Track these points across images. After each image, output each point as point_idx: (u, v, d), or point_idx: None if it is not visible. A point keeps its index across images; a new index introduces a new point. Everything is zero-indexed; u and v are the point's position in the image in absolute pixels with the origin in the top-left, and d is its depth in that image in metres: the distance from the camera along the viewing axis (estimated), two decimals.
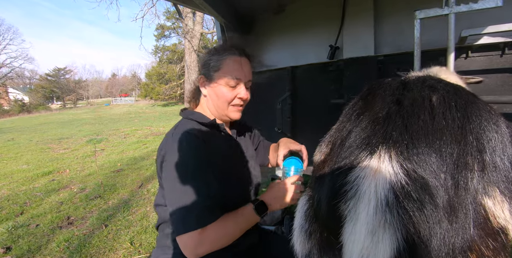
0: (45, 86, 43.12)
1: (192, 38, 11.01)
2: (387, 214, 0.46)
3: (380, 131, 0.54)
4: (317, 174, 0.66)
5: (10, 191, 3.72)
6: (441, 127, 0.53)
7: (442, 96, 0.58)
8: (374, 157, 0.51)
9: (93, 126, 12.90)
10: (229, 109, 1.05)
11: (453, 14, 1.31)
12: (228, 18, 2.18)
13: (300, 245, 0.66)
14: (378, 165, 0.50)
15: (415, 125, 0.53)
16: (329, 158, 0.64)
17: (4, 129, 13.89)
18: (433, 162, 0.49)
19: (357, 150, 0.55)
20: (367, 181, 0.49)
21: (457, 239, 0.46)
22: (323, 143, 0.71)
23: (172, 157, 0.88)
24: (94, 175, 4.27)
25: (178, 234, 0.82)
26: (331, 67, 2.07)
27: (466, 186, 0.49)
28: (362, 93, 0.72)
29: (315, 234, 0.63)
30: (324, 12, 2.09)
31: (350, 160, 0.55)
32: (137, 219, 2.62)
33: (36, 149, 7.13)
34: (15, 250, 2.16)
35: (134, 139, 8.13)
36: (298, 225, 0.69)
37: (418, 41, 1.44)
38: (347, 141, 0.59)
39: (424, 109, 0.55)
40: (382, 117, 0.57)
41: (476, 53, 1.65)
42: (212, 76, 1.03)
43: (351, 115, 0.65)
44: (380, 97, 0.63)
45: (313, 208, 0.64)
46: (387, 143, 0.52)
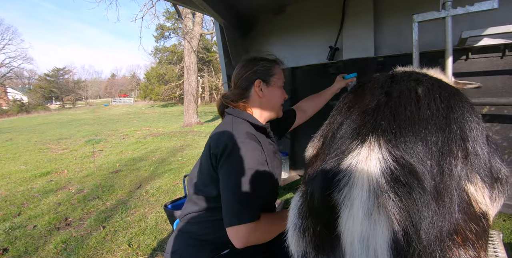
0: (44, 87, 43.02)
1: (192, 39, 11.00)
2: (380, 198, 0.48)
3: (370, 121, 0.57)
4: (309, 168, 0.66)
5: (8, 191, 3.70)
6: (426, 117, 0.55)
7: (427, 88, 0.60)
8: (364, 145, 0.53)
9: (92, 126, 12.87)
10: (280, 108, 1.25)
11: (450, 17, 1.32)
12: (227, 19, 2.17)
13: (295, 245, 0.65)
14: (369, 152, 0.52)
15: (402, 116, 0.55)
16: (321, 151, 0.65)
17: (3, 129, 13.85)
18: (420, 149, 0.51)
19: (348, 140, 0.57)
20: (359, 168, 0.51)
21: (444, 222, 0.49)
22: (315, 138, 0.72)
23: (236, 154, 0.96)
24: (92, 176, 4.26)
25: (232, 224, 0.92)
26: (331, 68, 2.06)
27: (450, 173, 0.51)
28: (352, 88, 0.75)
29: (308, 231, 0.63)
30: (324, 13, 2.08)
31: (341, 150, 0.57)
32: (135, 221, 2.61)
33: (35, 149, 7.10)
34: (12, 252, 2.14)
35: (133, 139, 8.11)
36: (292, 224, 0.68)
37: (416, 43, 1.44)
38: (338, 132, 0.61)
39: (410, 101, 0.58)
40: (371, 108, 0.59)
41: (476, 55, 1.65)
42: (269, 80, 1.20)
43: (341, 108, 0.67)
44: (370, 90, 0.66)
45: (306, 203, 0.64)
46: (376, 132, 0.54)
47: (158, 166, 4.76)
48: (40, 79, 46.10)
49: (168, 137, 8.18)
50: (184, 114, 11.28)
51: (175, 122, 13.20)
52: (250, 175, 0.95)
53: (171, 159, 5.29)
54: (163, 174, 4.28)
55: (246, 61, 1.25)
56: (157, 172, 4.40)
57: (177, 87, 24.63)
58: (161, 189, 3.56)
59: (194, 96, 11.22)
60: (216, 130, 1.10)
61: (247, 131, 1.04)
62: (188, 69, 11.04)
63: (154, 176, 4.18)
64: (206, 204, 1.07)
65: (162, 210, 2.83)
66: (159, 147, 6.60)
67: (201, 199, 1.09)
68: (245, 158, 0.96)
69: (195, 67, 11.26)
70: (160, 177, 4.12)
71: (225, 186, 0.97)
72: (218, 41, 2.36)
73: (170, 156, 5.52)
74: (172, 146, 6.73)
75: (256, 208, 0.96)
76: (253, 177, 0.95)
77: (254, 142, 1.01)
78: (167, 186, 3.67)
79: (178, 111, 19.79)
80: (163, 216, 2.66)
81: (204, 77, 26.28)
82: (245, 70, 1.21)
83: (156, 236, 2.30)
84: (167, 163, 4.97)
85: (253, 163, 0.97)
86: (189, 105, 11.11)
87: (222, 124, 1.13)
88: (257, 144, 1.02)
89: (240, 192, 0.93)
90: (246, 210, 0.92)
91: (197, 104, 12.14)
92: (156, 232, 2.36)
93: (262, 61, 1.23)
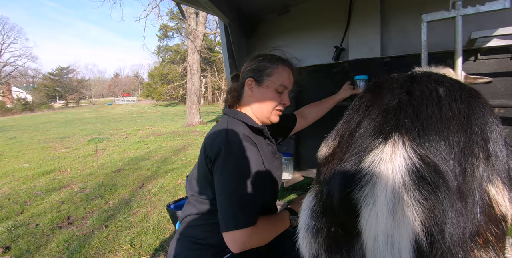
0: (48, 85, 43.31)
1: (195, 39, 11.01)
2: (405, 196, 0.47)
3: (393, 119, 0.56)
4: (324, 168, 0.65)
5: (11, 189, 3.71)
6: (448, 117, 0.55)
7: (448, 89, 0.60)
8: (388, 143, 0.53)
9: (95, 125, 12.92)
10: (272, 113, 1.15)
11: (460, 17, 1.29)
12: (232, 19, 2.16)
13: (306, 246, 0.64)
14: (393, 150, 0.51)
15: (424, 114, 0.55)
16: (337, 150, 0.64)
17: (7, 127, 13.94)
18: (443, 149, 0.51)
19: (369, 138, 0.56)
20: (383, 165, 0.50)
21: (468, 223, 0.48)
22: (329, 138, 0.70)
23: (231, 157, 0.94)
24: (95, 175, 4.26)
25: (228, 229, 0.90)
26: (336, 68, 2.04)
27: (473, 173, 0.51)
28: (368, 87, 0.74)
29: (322, 232, 0.62)
30: (329, 13, 2.07)
31: (362, 147, 0.56)
32: (138, 220, 2.60)
33: (38, 147, 7.14)
34: (14, 250, 2.14)
35: (136, 138, 8.13)
36: (304, 225, 0.67)
37: (425, 43, 1.42)
38: (357, 131, 0.60)
39: (432, 100, 0.57)
40: (393, 107, 0.58)
41: (485, 55, 1.62)
42: (263, 80, 1.12)
43: (359, 107, 0.66)
44: (388, 90, 0.65)
45: (320, 203, 0.63)
46: (400, 130, 0.53)
47: (161, 166, 4.75)
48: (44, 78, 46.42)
49: (170, 137, 8.19)
50: (187, 114, 11.29)
51: (177, 122, 13.22)
52: (246, 178, 0.93)
53: (174, 158, 5.29)
54: (165, 173, 4.27)
55: (251, 57, 1.21)
56: (160, 171, 4.40)
57: (180, 87, 24.69)
58: (164, 188, 3.55)
59: (197, 96, 11.23)
60: (212, 131, 1.07)
61: (242, 133, 1.01)
62: (192, 69, 11.05)
63: (157, 175, 4.18)
64: (204, 206, 1.05)
65: (164, 210, 2.82)
66: (161, 146, 6.60)
67: (199, 201, 1.07)
68: (240, 161, 0.94)
69: (198, 67, 11.26)
70: (162, 176, 4.11)
71: (220, 190, 0.94)
72: (222, 41, 2.35)
73: (172, 156, 5.51)
74: (174, 145, 6.73)
75: (253, 212, 0.93)
76: (248, 180, 0.93)
77: (249, 144, 0.98)
78: (170, 185, 3.67)
79: (180, 111, 19.82)
80: (165, 216, 2.65)
81: (207, 77, 26.31)
82: (245, 67, 1.18)
83: (158, 236, 2.29)
84: (170, 163, 4.97)
85: (248, 166, 0.94)
86: (192, 105, 11.12)
87: (217, 124, 1.10)
88: (252, 146, 0.99)
89: (235, 196, 0.91)
90: (242, 215, 0.90)
91: (200, 104, 12.14)
92: (159, 232, 2.35)
93: (263, 59, 1.16)
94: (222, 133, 1.00)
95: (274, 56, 1.19)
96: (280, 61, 1.16)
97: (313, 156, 2.43)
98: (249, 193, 0.92)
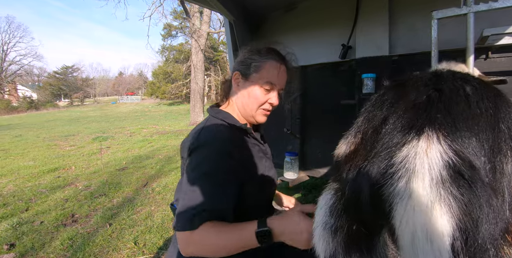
0: (53, 84, 43.66)
1: (199, 38, 11.01)
2: (442, 191, 0.47)
3: (424, 114, 0.55)
4: (346, 165, 0.64)
5: (16, 187, 3.73)
6: (477, 114, 0.54)
7: (474, 87, 0.59)
8: (422, 138, 0.52)
9: (99, 124, 12.99)
10: (258, 112, 1.05)
11: (472, 14, 1.26)
12: (237, 16, 2.14)
13: (323, 244, 0.63)
14: (428, 144, 0.50)
15: (455, 111, 0.54)
16: (360, 147, 0.62)
17: (13, 125, 14.07)
18: (475, 145, 0.51)
19: (399, 134, 0.55)
20: (419, 160, 0.49)
21: (498, 220, 0.48)
22: (349, 135, 0.69)
23: (195, 157, 0.89)
24: (99, 173, 4.27)
25: (175, 229, 0.85)
26: (343, 67, 2.01)
27: (502, 170, 0.51)
28: (389, 85, 0.72)
29: (341, 230, 0.60)
30: (336, 10, 2.04)
31: (392, 143, 0.55)
32: (142, 218, 2.60)
33: (43, 145, 7.19)
34: (18, 247, 2.15)
35: (140, 137, 8.15)
36: (321, 223, 0.65)
37: (435, 41, 1.39)
38: (383, 127, 0.59)
39: (460, 98, 0.57)
40: (422, 103, 0.57)
41: (496, 54, 1.59)
42: (250, 75, 1.02)
43: (381, 105, 0.65)
44: (413, 87, 0.63)
45: (342, 201, 0.62)
46: (433, 125, 0.52)
47: (165, 164, 4.76)
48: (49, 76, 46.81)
49: (174, 135, 8.20)
50: (191, 113, 11.30)
51: (181, 120, 13.25)
52: (202, 180, 0.86)
53: (178, 157, 5.29)
54: (169, 172, 4.27)
55: (244, 49, 1.12)
56: (164, 170, 4.40)
57: (183, 86, 24.74)
58: (168, 187, 3.55)
59: (200, 95, 11.24)
60: (192, 130, 1.03)
61: (215, 133, 0.94)
62: (195, 68, 11.06)
63: (161, 174, 4.18)
64: None
65: (168, 208, 2.81)
66: (165, 145, 6.61)
67: None
68: (201, 163, 0.87)
69: (202, 66, 11.27)
70: (166, 175, 4.12)
71: (181, 189, 0.91)
72: (228, 39, 2.33)
73: (176, 154, 5.52)
74: (178, 144, 6.72)
75: (195, 215, 0.81)
76: (205, 182, 0.86)
77: (221, 146, 0.90)
78: (174, 184, 3.66)
79: (184, 110, 19.85)
80: (169, 215, 2.65)
81: (211, 76, 26.33)
82: (236, 60, 1.11)
83: (162, 234, 2.28)
84: (174, 161, 4.97)
85: (209, 169, 0.87)
86: (196, 104, 11.13)
87: (198, 124, 1.05)
88: (226, 148, 0.90)
89: (186, 197, 0.85)
90: (182, 216, 0.82)
91: (204, 103, 12.15)
92: (162, 231, 2.35)
93: (253, 52, 1.06)
94: (196, 132, 0.96)
95: (267, 49, 1.06)
96: (271, 56, 1.03)
97: (318, 155, 2.42)
98: (203, 194, 0.84)
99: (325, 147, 2.16)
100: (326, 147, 2.15)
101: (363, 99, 1.76)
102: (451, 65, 1.17)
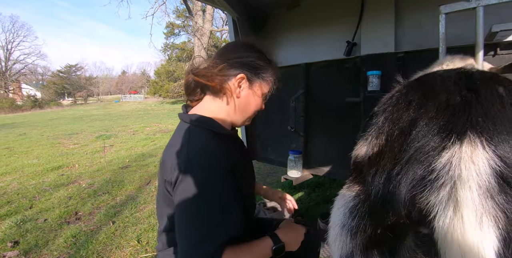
0: (57, 83, 43.95)
1: (202, 36, 11.01)
2: (489, 201, 0.45)
3: (463, 117, 0.52)
4: (372, 168, 0.61)
5: (20, 184, 3.75)
6: None
7: (506, 88, 0.57)
8: (464, 142, 0.49)
9: (102, 122, 13.04)
10: (250, 117, 1.02)
11: (482, 8, 1.23)
12: (240, 13, 2.13)
13: (339, 245, 0.63)
14: (472, 150, 0.48)
15: (492, 113, 0.52)
16: (386, 149, 0.60)
17: (17, 124, 14.17)
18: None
19: (436, 137, 0.52)
20: (464, 166, 0.47)
21: None
22: (369, 136, 0.66)
23: (192, 180, 0.78)
24: (103, 171, 4.28)
25: None
26: (347, 64, 1.99)
27: None
28: (410, 85, 0.68)
29: (362, 233, 0.59)
30: (340, 7, 2.01)
31: (430, 147, 0.52)
32: (145, 217, 2.60)
33: (47, 143, 7.22)
34: (22, 245, 2.16)
35: (143, 135, 8.16)
36: (339, 223, 0.65)
37: (443, 36, 1.36)
38: (412, 130, 0.56)
39: (495, 99, 0.54)
40: (458, 104, 0.55)
41: (505, 50, 1.55)
42: (255, 82, 0.95)
43: (407, 105, 0.61)
44: (441, 87, 0.60)
45: (365, 204, 0.61)
46: (475, 129, 0.50)
47: None
48: (53, 75, 47.13)
49: None
50: None
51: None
52: (206, 212, 0.78)
53: None
54: None
55: (241, 44, 1.02)
56: None
57: None
58: None
59: None
60: (171, 145, 0.89)
61: (207, 150, 0.83)
62: None
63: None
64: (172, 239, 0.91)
65: None
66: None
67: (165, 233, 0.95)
68: (203, 189, 0.77)
69: None
70: None
71: (177, 221, 0.80)
72: (231, 37, 2.32)
73: None
74: None
75: (216, 243, 0.76)
76: (209, 214, 0.78)
77: (219, 166, 0.81)
78: None
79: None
80: None
81: None
82: (234, 54, 0.95)
83: None
84: None
85: (214, 195, 0.79)
86: None
87: (177, 137, 0.90)
88: (224, 166, 0.82)
89: (191, 230, 0.76)
90: (198, 251, 0.74)
91: None
92: None
93: (260, 55, 0.97)
94: (183, 150, 0.82)
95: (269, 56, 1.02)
96: (273, 64, 1.01)
97: (322, 154, 2.40)
98: (208, 225, 0.76)
99: (329, 145, 2.14)
100: (331, 145, 2.13)
101: (368, 97, 1.73)
102: (457, 59, 1.14)
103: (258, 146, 2.62)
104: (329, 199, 2.69)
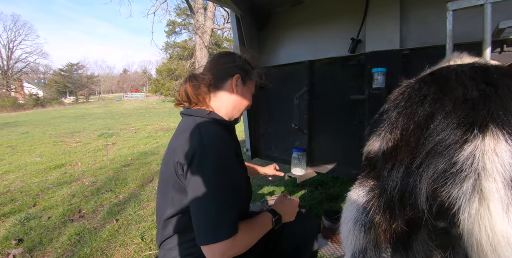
0: (58, 81, 44.00)
1: (203, 34, 10.99)
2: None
3: (483, 110, 0.52)
4: (388, 163, 0.61)
5: (23, 182, 3.76)
6: None
7: None
8: (487, 136, 0.49)
9: (104, 121, 13.06)
10: (242, 111, 1.17)
11: (490, 4, 1.21)
12: (244, 10, 2.11)
13: (353, 239, 0.63)
14: (495, 142, 0.48)
15: (510, 107, 0.52)
16: (402, 143, 0.59)
17: (19, 122, 14.21)
18: None
19: (457, 130, 0.52)
20: (488, 158, 0.47)
21: None
22: (382, 131, 0.65)
23: (208, 161, 0.85)
24: (105, 169, 4.29)
25: (207, 243, 0.83)
26: (352, 61, 1.97)
27: None
28: (424, 79, 0.67)
29: (377, 228, 0.60)
30: (345, 3, 1.99)
31: (451, 140, 0.52)
32: (148, 214, 2.60)
33: (49, 142, 7.24)
34: (26, 242, 2.16)
35: (145, 133, 8.17)
36: (352, 218, 0.65)
37: (450, 33, 1.35)
38: (430, 123, 0.56)
39: (510, 93, 0.55)
40: (477, 98, 0.55)
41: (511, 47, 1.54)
42: (247, 81, 1.14)
43: (422, 100, 0.61)
44: (458, 82, 0.60)
45: (380, 199, 0.61)
46: (496, 122, 0.50)
47: None
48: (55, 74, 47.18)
49: None
50: None
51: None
52: (225, 184, 0.86)
53: None
54: None
55: (227, 53, 1.18)
56: None
57: None
58: None
59: None
60: (178, 137, 0.97)
61: (217, 132, 0.93)
62: (200, 64, 11.04)
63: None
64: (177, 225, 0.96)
65: None
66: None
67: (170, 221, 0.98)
68: (220, 166, 0.86)
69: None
70: None
71: (195, 200, 0.84)
72: (234, 34, 2.30)
73: None
74: None
75: (234, 220, 0.85)
76: (228, 185, 0.86)
77: (226, 146, 0.91)
78: None
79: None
80: None
81: None
82: (226, 60, 1.13)
83: None
84: None
85: (227, 170, 0.88)
86: None
87: (183, 128, 0.98)
88: (228, 147, 0.92)
89: (214, 205, 0.83)
90: (222, 226, 0.82)
91: None
92: None
93: (254, 60, 1.19)
94: (194, 135, 0.90)
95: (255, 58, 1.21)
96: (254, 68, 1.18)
97: (326, 152, 2.38)
98: (229, 200, 0.85)
99: (333, 143, 2.13)
100: (334, 142, 2.12)
101: (372, 94, 1.72)
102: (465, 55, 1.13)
103: (261, 143, 2.61)
104: (332, 197, 2.69)
